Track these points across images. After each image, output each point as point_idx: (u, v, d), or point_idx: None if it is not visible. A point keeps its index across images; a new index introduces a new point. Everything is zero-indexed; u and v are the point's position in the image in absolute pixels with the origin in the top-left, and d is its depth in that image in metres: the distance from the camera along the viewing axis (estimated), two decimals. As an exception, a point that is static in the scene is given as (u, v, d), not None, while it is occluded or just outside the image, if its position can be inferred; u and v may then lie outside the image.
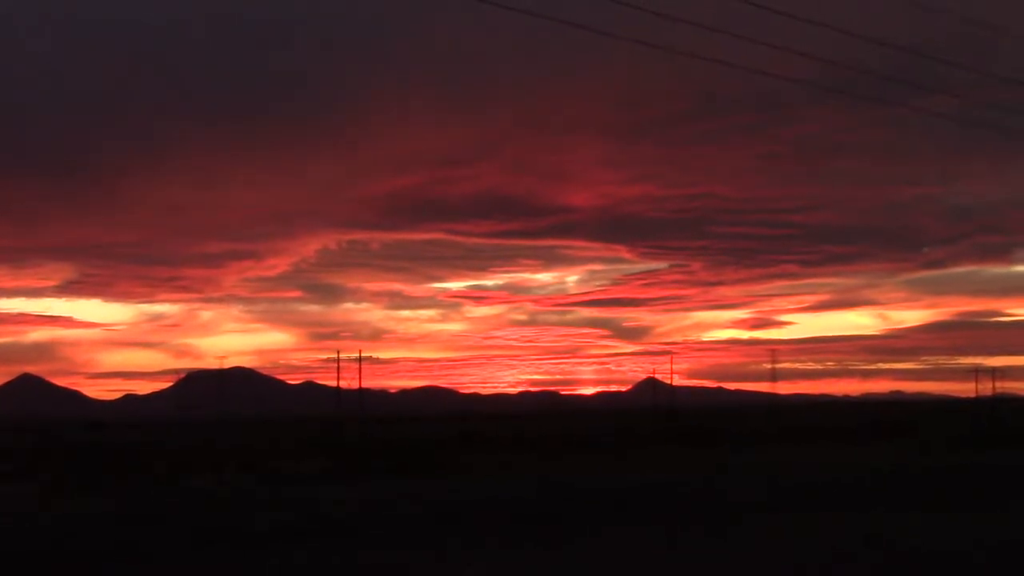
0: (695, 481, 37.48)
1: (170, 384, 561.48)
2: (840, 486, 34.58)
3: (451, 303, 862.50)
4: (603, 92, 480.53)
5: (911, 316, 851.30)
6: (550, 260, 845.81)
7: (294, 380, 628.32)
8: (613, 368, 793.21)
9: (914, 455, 50.40)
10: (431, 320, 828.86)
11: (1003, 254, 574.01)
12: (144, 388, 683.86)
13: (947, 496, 30.88)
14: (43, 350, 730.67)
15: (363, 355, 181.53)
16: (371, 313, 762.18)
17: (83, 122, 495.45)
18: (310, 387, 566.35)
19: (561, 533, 23.97)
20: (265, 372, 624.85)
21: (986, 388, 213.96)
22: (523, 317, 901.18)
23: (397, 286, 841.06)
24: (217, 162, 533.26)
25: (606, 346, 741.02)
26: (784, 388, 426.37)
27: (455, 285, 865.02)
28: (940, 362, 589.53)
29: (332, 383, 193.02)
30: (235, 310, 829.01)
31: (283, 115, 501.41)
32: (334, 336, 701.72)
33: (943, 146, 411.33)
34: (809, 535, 22.82)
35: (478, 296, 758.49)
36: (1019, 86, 61.92)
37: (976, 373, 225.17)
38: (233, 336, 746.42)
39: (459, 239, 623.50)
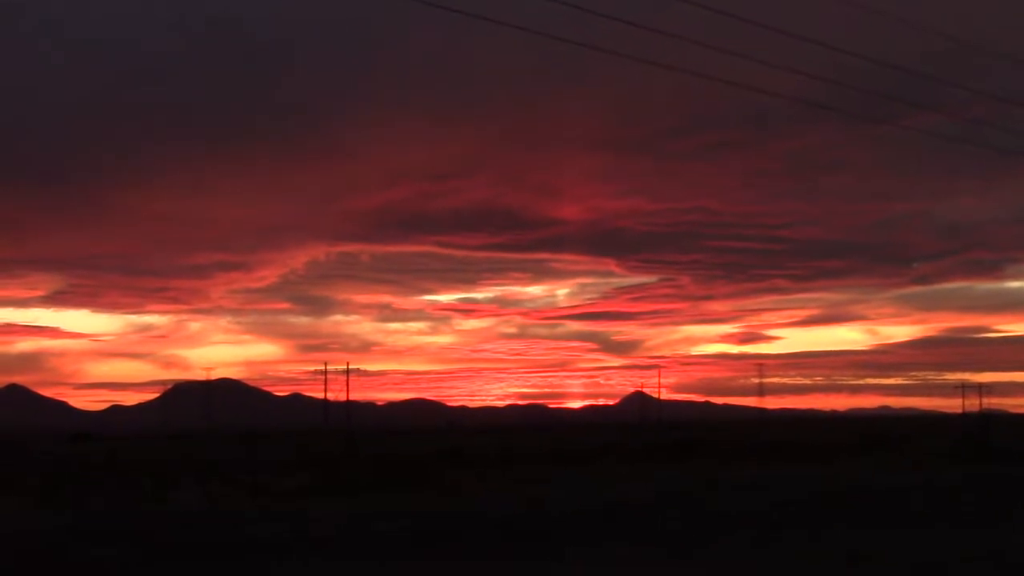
0: (681, 495, 37.16)
1: (157, 395, 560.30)
2: (823, 500, 34.31)
3: (440, 316, 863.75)
4: (594, 106, 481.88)
5: (900, 331, 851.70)
6: (540, 273, 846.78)
7: (281, 392, 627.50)
8: (601, 382, 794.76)
9: (903, 470, 50.15)
10: (420, 332, 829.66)
11: (992, 270, 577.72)
12: (131, 399, 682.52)
13: (936, 511, 30.67)
14: (30, 360, 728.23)
15: (351, 367, 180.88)
16: (360, 325, 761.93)
17: (71, 133, 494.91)
18: (297, 399, 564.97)
19: (549, 550, 23.64)
20: (252, 384, 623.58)
21: (973, 404, 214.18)
22: (512, 330, 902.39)
23: (386, 298, 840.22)
24: (206, 173, 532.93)
25: (595, 359, 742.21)
26: (772, 403, 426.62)
27: (445, 298, 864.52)
28: (928, 378, 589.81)
29: (319, 395, 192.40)
30: (223, 321, 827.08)
31: (273, 127, 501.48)
32: (322, 348, 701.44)
33: (933, 163, 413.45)
34: (793, 552, 22.54)
35: (467, 309, 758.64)
36: (1008, 103, 61.98)
37: (963, 389, 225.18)
38: (221, 347, 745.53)
39: (449, 252, 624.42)
